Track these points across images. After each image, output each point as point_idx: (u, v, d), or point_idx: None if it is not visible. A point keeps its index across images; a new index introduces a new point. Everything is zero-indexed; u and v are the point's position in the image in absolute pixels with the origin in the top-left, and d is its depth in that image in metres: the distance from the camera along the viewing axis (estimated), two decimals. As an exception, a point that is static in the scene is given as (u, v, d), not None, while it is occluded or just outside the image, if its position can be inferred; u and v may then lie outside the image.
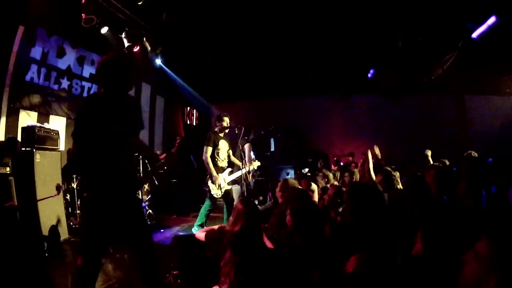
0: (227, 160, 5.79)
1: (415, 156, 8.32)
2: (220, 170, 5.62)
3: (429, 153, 6.29)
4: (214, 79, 11.57)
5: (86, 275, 2.70)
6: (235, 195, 6.08)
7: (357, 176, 5.28)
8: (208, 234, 2.83)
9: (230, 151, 5.85)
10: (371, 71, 10.77)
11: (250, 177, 6.25)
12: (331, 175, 5.82)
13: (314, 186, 4.38)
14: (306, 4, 7.58)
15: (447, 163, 5.97)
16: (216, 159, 5.60)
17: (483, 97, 10.70)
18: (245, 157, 5.65)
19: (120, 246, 4.75)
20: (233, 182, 5.87)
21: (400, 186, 4.71)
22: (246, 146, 6.16)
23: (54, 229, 5.28)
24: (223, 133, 5.71)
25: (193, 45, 9.14)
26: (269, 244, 2.73)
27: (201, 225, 5.57)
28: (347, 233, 2.61)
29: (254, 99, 12.30)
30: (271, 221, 3.48)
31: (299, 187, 4.11)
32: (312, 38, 9.01)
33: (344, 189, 4.24)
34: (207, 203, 5.61)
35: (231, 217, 2.88)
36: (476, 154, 5.65)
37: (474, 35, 7.67)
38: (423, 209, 2.62)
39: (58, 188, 5.14)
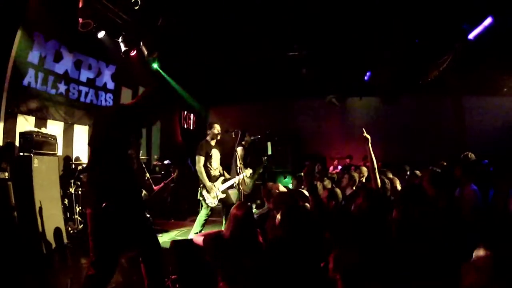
0: (219, 169, 5.77)
1: (412, 158, 8.35)
2: (213, 179, 5.60)
3: None
4: (210, 82, 11.49)
5: (96, 285, 2.68)
6: (234, 199, 6.05)
7: (355, 179, 5.26)
8: (206, 238, 2.83)
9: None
10: (368, 73, 10.77)
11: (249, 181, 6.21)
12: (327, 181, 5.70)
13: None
14: (303, 7, 7.58)
15: (444, 164, 5.98)
16: (209, 168, 5.57)
17: (480, 98, 10.70)
18: (241, 162, 5.58)
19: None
20: (230, 187, 5.86)
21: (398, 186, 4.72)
22: (239, 150, 6.08)
23: (52, 234, 5.27)
24: (214, 141, 5.67)
25: (189, 49, 9.13)
26: None
27: (197, 234, 5.52)
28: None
29: (250, 102, 12.20)
30: (268, 224, 3.48)
31: (277, 190, 4.03)
32: (309, 40, 9.02)
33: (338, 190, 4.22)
34: (203, 212, 5.56)
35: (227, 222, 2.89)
36: (473, 156, 5.63)
37: (471, 36, 7.69)
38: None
39: None
